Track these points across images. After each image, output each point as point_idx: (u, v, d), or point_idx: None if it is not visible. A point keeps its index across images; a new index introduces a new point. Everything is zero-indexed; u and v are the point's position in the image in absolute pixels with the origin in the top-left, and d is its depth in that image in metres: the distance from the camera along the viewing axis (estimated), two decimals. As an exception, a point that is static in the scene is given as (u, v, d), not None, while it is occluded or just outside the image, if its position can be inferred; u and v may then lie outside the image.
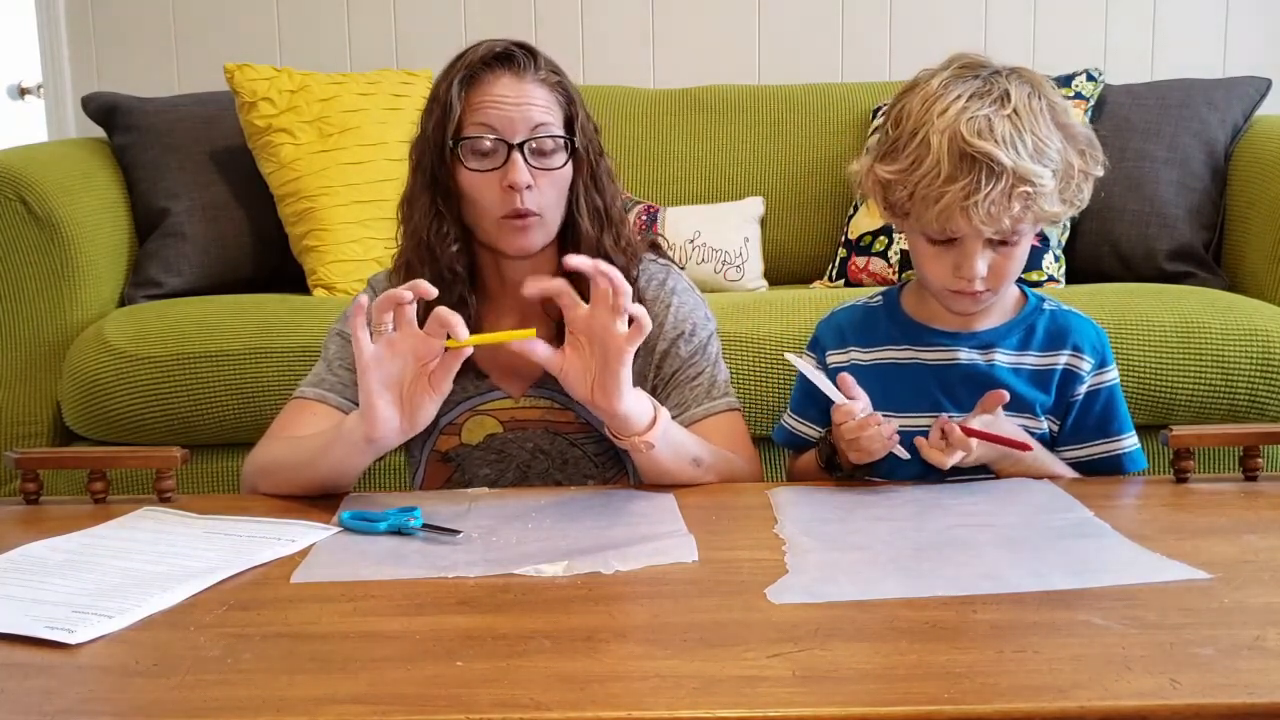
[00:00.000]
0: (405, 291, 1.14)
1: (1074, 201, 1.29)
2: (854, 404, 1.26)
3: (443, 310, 1.15)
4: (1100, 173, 1.30)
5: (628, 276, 1.43)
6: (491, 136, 1.35)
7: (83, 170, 2.35)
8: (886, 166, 1.28)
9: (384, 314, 1.16)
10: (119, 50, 3.07)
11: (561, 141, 1.38)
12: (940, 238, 1.27)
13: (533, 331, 1.19)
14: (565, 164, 1.38)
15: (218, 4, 3.03)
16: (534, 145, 1.36)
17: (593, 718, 0.75)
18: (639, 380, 1.43)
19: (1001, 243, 1.27)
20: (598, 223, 1.42)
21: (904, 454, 1.26)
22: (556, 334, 1.42)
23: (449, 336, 1.15)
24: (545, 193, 1.37)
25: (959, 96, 1.24)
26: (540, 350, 1.19)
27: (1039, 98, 1.26)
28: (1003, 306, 1.37)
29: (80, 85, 3.02)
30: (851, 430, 1.26)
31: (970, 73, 1.27)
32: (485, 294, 1.45)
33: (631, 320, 1.18)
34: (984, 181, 1.21)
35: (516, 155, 1.34)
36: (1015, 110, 1.23)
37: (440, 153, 1.37)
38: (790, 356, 1.34)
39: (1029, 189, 1.22)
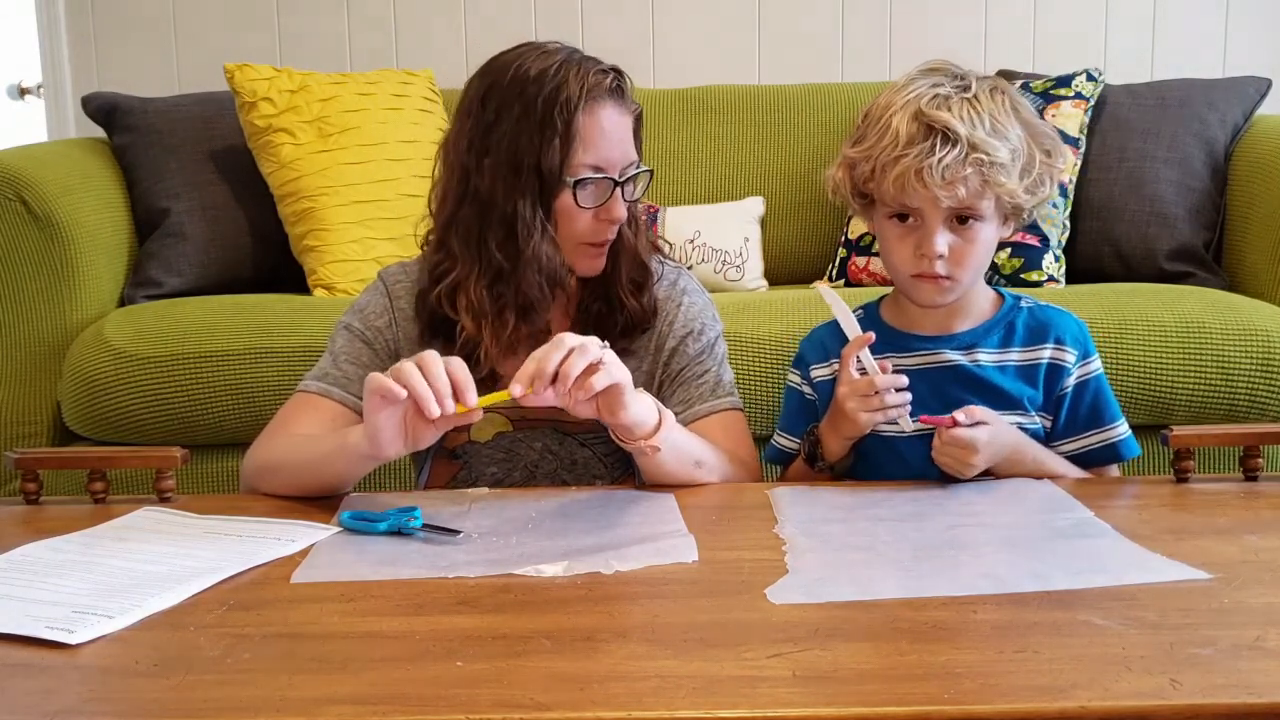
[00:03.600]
0: (450, 403, 1.13)
1: (1035, 191, 1.31)
2: (869, 336, 1.29)
3: (460, 374, 1.14)
4: (1062, 165, 1.34)
5: (650, 273, 1.46)
6: (602, 175, 1.37)
7: (83, 170, 2.35)
8: (853, 149, 1.33)
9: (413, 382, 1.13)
10: (119, 50, 3.07)
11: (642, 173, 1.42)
12: (899, 210, 1.30)
13: (530, 390, 1.16)
14: (644, 191, 1.43)
15: (218, 4, 3.03)
16: (630, 179, 1.39)
17: (593, 718, 0.75)
18: (646, 378, 1.45)
19: (962, 222, 1.29)
20: (634, 228, 1.45)
21: (909, 426, 1.28)
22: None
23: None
24: (625, 215, 1.41)
25: (923, 85, 1.30)
26: (542, 398, 1.18)
27: (1002, 94, 1.31)
28: (980, 309, 1.38)
29: (80, 85, 3.02)
30: (860, 388, 1.27)
31: (938, 74, 1.32)
32: None
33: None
34: (939, 146, 1.25)
35: (619, 193, 1.38)
36: (975, 96, 1.29)
37: (555, 180, 1.35)
38: (820, 287, 1.35)
39: (983, 157, 1.25)
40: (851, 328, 1.31)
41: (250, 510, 1.23)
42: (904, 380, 1.28)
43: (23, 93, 3.36)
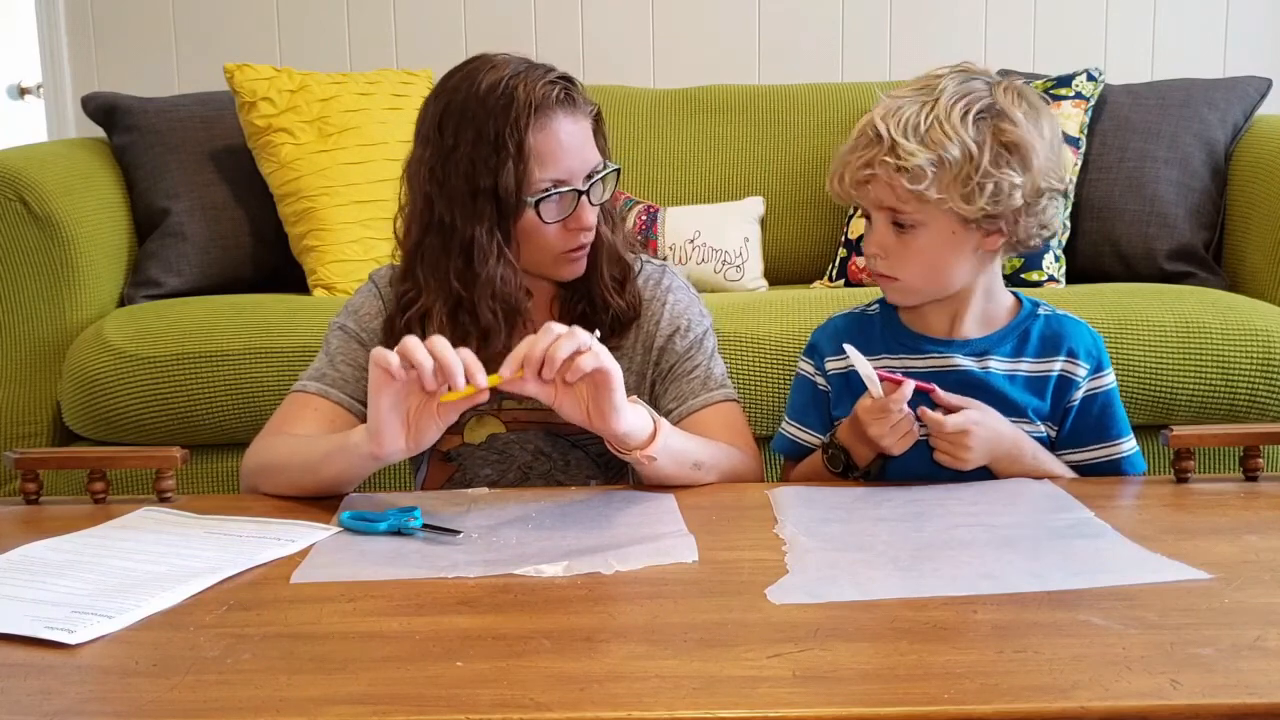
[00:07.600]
0: (461, 379, 1.14)
1: (974, 199, 1.25)
2: (891, 399, 1.25)
3: (469, 356, 1.15)
4: (1047, 184, 1.28)
5: (630, 268, 1.45)
6: (566, 189, 1.36)
7: (83, 170, 2.35)
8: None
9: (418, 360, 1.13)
10: (119, 50, 3.07)
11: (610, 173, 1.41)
12: (845, 203, 1.34)
13: (521, 373, 1.17)
14: (613, 191, 1.42)
15: (218, 4, 3.03)
16: (596, 182, 1.38)
17: (593, 718, 0.75)
18: (639, 378, 1.45)
19: (899, 225, 1.30)
20: (610, 224, 1.44)
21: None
22: None
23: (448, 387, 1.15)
24: (596, 221, 1.40)
25: (906, 88, 1.30)
26: (530, 388, 1.18)
27: (964, 100, 1.26)
28: (994, 315, 1.37)
29: (80, 85, 3.02)
30: (879, 427, 1.26)
31: (931, 78, 1.30)
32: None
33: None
34: (860, 148, 1.28)
35: (585, 200, 1.37)
36: (936, 101, 1.27)
37: (512, 202, 1.34)
38: (849, 348, 1.28)
39: (893, 160, 1.25)
40: (874, 387, 1.26)
41: (250, 510, 1.23)
42: (909, 390, 1.25)
43: (23, 93, 3.36)
